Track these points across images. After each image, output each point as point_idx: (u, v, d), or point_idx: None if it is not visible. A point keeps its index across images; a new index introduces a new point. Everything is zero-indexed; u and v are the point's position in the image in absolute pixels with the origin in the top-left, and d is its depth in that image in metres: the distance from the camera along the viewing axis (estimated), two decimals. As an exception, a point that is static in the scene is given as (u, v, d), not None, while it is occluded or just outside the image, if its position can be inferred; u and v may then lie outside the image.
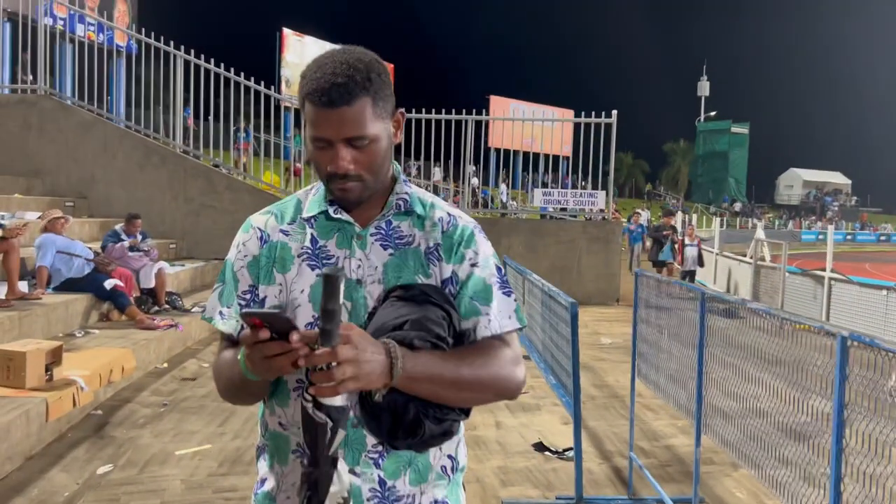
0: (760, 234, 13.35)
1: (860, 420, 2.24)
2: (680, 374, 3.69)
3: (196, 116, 11.64)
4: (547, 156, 15.60)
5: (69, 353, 5.33)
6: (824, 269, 10.40)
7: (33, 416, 4.33)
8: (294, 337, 1.07)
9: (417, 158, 12.84)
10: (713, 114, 65.62)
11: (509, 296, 1.36)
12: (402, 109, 1.37)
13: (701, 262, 13.67)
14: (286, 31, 28.88)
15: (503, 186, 16.23)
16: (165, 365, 6.70)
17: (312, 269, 1.30)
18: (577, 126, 12.61)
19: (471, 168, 13.54)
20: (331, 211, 1.33)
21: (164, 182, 10.85)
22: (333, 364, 1.06)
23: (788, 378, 2.71)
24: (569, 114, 15.38)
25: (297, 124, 12.94)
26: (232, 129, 12.15)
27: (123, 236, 8.28)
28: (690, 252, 13.52)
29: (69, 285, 7.03)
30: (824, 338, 2.60)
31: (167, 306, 7.96)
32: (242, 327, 1.29)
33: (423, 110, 11.57)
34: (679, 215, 19.83)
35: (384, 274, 1.30)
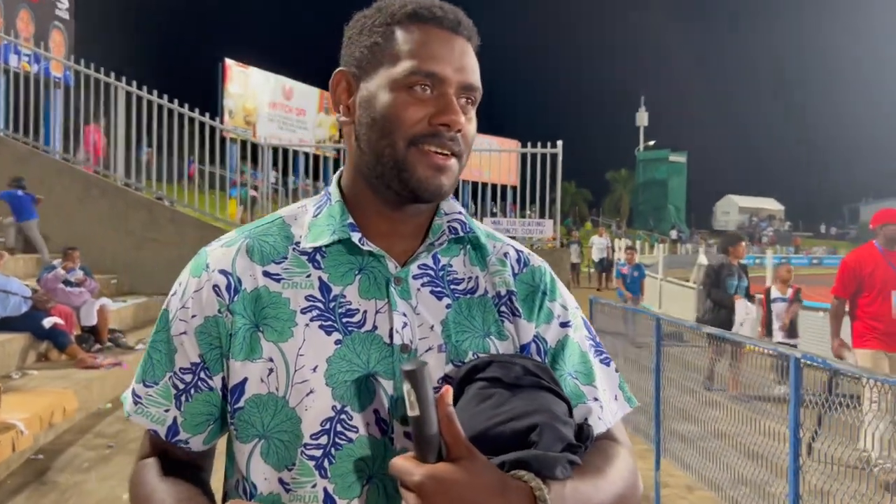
0: (703, 259, 13.73)
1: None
2: (639, 399, 3.76)
3: (138, 148, 11.39)
4: (495, 185, 15.76)
5: (6, 396, 5.08)
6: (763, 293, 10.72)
7: (-31, 463, 4.11)
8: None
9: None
10: (652, 143, 67.88)
11: (609, 364, 1.00)
12: None
13: (794, 331, 7.35)
14: (229, 61, 28.58)
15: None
16: (109, 405, 6.43)
17: (329, 334, 0.87)
18: (523, 156, 12.80)
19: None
20: (354, 237, 0.90)
21: (104, 215, 10.53)
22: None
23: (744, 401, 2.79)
24: (514, 144, 15.58)
25: (244, 157, 12.77)
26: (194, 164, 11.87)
27: (61, 271, 7.99)
28: (780, 310, 7.36)
29: (5, 324, 6.71)
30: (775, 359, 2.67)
31: (110, 344, 7.67)
32: (175, 424, 0.91)
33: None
34: (623, 242, 18.83)
35: (445, 337, 0.90)
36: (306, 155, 14.33)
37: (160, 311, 0.95)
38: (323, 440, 0.85)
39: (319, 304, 0.89)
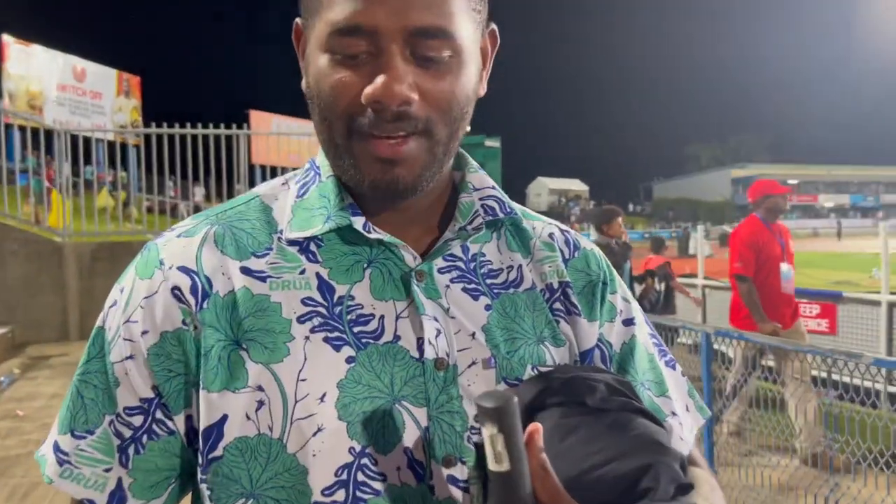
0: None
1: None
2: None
3: None
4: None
5: None
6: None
7: None
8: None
9: (173, 176, 11.85)
10: (468, 129, 70.19)
11: (675, 368, 0.82)
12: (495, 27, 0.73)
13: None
14: (6, 38, 25.30)
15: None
16: None
17: (338, 349, 0.65)
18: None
19: (239, 187, 12.84)
20: (356, 223, 0.68)
21: None
22: None
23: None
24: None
25: (36, 146, 11.23)
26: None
27: None
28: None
29: None
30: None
31: None
32: (120, 488, 0.67)
33: (189, 124, 10.67)
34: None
35: (492, 348, 0.69)
36: (111, 144, 12.95)
37: (92, 330, 0.70)
38: (339, 496, 0.63)
39: (321, 310, 0.66)
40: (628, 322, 0.79)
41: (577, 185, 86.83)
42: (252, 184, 15.43)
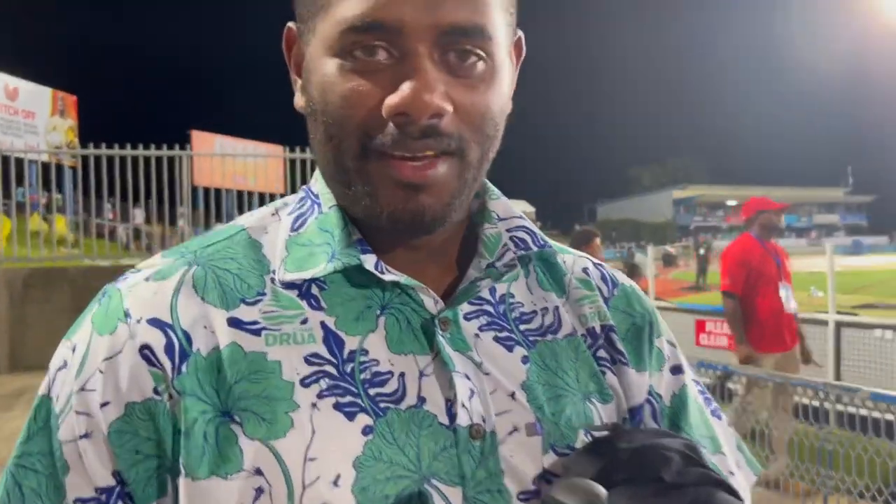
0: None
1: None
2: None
3: None
4: (262, 194, 14.95)
5: None
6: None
7: None
8: None
9: (111, 198, 11.44)
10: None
11: (721, 418, 0.72)
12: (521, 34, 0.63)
13: None
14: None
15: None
16: None
17: (351, 418, 0.53)
18: (291, 161, 12.18)
19: (181, 209, 12.49)
20: (367, 262, 0.57)
21: None
22: None
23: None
24: (279, 150, 14.95)
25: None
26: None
27: None
28: None
29: None
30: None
31: None
32: None
33: (129, 145, 10.31)
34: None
35: (536, 409, 0.58)
36: (45, 165, 12.42)
37: (34, 399, 0.55)
38: None
39: (329, 369, 0.54)
40: (676, 370, 0.69)
41: (524, 206, 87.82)
42: (195, 206, 15.05)
